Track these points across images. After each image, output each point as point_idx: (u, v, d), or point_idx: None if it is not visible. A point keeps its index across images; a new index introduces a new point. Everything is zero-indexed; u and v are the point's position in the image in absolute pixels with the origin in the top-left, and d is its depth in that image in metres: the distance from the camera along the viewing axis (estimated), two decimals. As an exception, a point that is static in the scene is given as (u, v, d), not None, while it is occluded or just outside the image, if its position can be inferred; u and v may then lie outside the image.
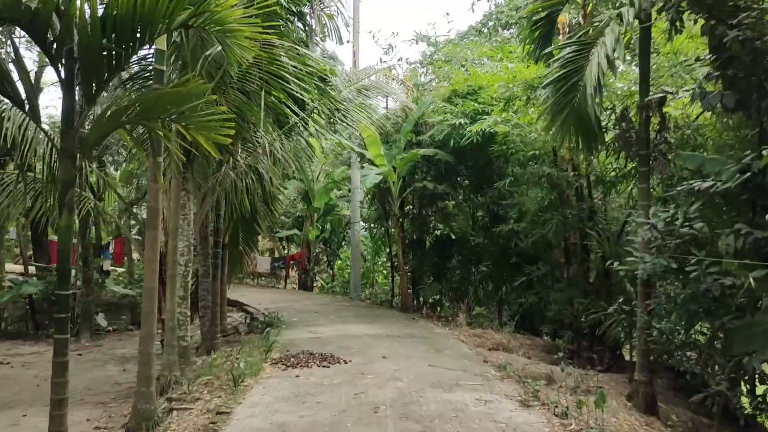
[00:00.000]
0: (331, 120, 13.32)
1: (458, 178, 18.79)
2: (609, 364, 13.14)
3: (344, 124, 13.52)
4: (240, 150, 11.43)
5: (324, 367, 9.76)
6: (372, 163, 18.23)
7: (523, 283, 14.86)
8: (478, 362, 10.57)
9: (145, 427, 7.24)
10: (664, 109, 9.53)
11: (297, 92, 10.24)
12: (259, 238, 29.63)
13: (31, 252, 25.57)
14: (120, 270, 22.88)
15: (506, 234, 15.13)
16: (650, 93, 9.35)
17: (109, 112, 5.50)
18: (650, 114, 9.32)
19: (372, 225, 22.69)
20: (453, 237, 19.18)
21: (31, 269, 22.47)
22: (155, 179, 7.56)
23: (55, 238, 25.54)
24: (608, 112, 11.18)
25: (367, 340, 12.37)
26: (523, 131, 13.25)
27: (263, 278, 28.22)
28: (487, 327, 15.11)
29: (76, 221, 18.61)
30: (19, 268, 25.33)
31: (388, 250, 21.65)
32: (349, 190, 23.14)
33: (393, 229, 19.21)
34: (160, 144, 7.48)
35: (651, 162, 9.45)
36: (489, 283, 17.77)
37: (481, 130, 14.21)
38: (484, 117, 14.49)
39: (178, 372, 9.53)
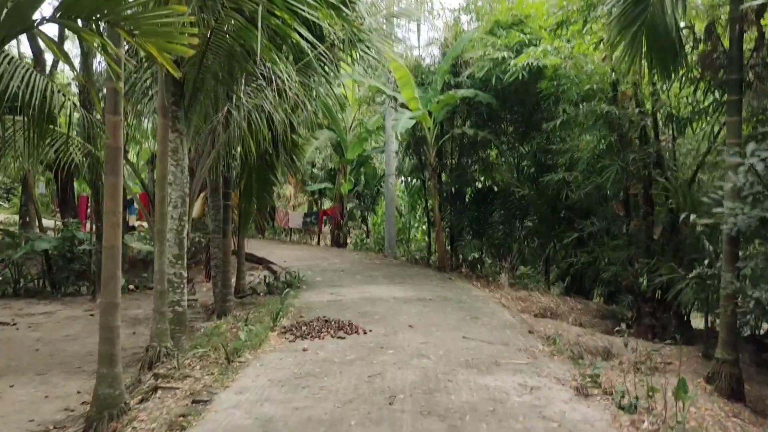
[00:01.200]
0: (353, 53, 11.59)
1: (501, 124, 16.92)
2: (674, 333, 11.39)
3: (369, 57, 11.77)
4: (244, 87, 9.85)
5: (339, 338, 8.28)
6: (406, 107, 16.46)
7: (574, 240, 13.08)
8: (522, 333, 8.95)
9: (107, 417, 5.88)
10: (762, 22, 7.54)
11: (307, 12, 8.53)
12: (291, 191, 28.35)
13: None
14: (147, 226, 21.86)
15: (555, 185, 13.33)
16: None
17: (8, 7, 3.95)
18: (744, 28, 7.34)
19: (407, 177, 21.03)
20: (495, 189, 17.42)
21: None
22: (113, 110, 6.04)
23: (85, 192, 24.47)
24: (685, 32, 9.19)
25: (393, 304, 10.86)
26: (578, 62, 11.29)
27: (298, 234, 27.00)
28: (533, 289, 13.46)
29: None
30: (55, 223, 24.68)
31: (425, 204, 20.00)
32: (384, 141, 21.45)
33: (429, 182, 17.51)
34: (119, 64, 5.94)
35: (743, 89, 7.51)
36: (534, 240, 16.04)
37: (528, 63, 12.29)
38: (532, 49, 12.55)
39: (170, 342, 8.18)
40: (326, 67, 11.77)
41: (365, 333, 8.54)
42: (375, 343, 7.96)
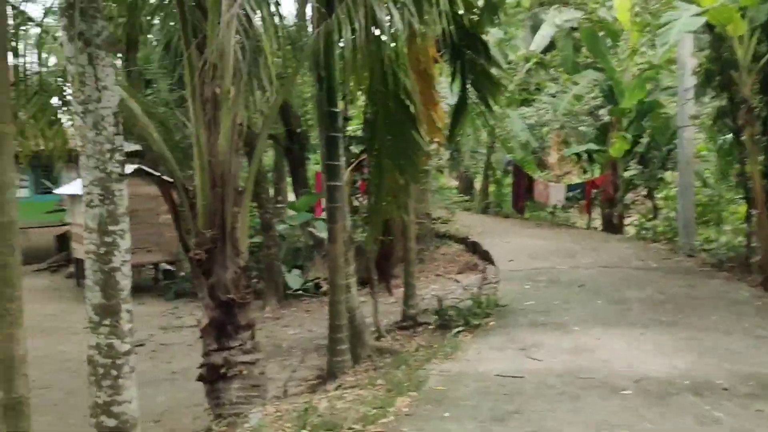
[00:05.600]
0: None
1: None
2: None
3: None
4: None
5: None
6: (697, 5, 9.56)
7: None
8: None
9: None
10: None
11: None
12: (554, 157, 22.18)
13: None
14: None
15: None
16: None
17: None
18: None
19: (712, 127, 13.72)
20: None
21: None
22: None
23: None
24: None
25: (629, 410, 4.84)
26: None
27: (564, 212, 20.92)
28: None
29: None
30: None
31: (741, 169, 12.56)
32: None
33: (745, 132, 10.34)
34: None
35: None
36: None
37: None
38: None
39: None
40: None
41: None
42: None
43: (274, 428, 5.13)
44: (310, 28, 8.76)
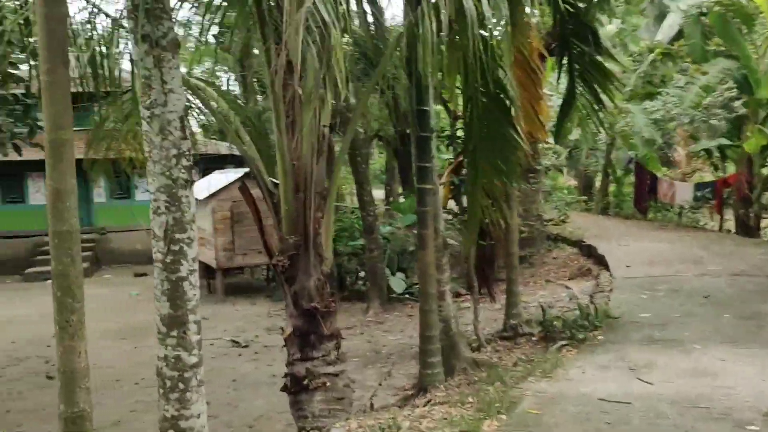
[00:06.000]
0: None
1: None
2: None
3: None
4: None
5: None
6: None
7: None
8: None
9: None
10: None
11: None
12: (681, 153, 20.50)
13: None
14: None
15: None
16: None
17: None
18: None
19: None
20: None
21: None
22: None
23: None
24: None
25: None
26: None
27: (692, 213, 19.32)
28: None
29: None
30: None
31: None
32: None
33: None
34: None
35: None
36: None
37: None
38: None
39: None
40: None
41: None
42: None
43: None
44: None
